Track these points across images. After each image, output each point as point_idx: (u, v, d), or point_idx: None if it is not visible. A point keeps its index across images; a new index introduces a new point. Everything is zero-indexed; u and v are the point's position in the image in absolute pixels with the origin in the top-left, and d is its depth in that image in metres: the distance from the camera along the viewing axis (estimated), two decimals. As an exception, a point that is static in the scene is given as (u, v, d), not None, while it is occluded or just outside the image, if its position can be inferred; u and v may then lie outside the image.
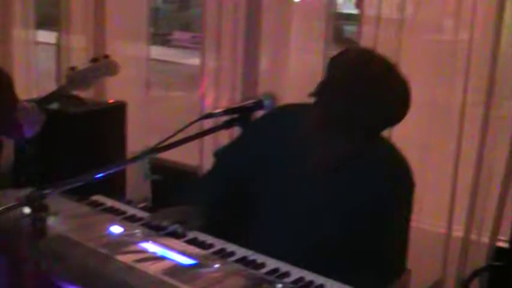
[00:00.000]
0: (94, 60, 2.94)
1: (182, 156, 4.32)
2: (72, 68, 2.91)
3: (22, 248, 2.03)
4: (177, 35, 14.54)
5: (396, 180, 2.26)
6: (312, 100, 2.25)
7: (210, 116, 2.10)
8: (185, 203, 2.42)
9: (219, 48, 4.15)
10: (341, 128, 2.21)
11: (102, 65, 2.93)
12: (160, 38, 12.94)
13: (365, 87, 2.15)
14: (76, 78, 2.88)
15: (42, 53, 5.44)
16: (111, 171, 1.99)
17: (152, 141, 2.12)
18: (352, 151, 2.25)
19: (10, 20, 5.29)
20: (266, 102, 2.08)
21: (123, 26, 4.71)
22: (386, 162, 2.29)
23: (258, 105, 2.08)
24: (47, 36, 5.58)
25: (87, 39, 4.87)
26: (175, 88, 8.98)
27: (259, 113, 2.25)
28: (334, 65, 2.25)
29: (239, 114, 2.07)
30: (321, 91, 2.23)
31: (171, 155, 3.94)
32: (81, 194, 2.39)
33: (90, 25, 4.83)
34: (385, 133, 2.37)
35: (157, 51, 5.44)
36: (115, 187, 2.61)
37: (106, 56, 2.98)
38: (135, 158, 2.25)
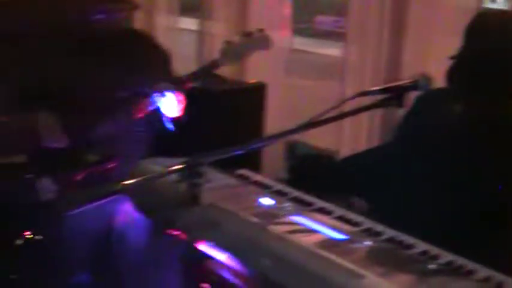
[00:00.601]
0: (248, 34, 2.99)
1: (320, 140, 4.30)
2: (228, 41, 2.97)
3: (172, 214, 2.09)
4: (319, 19, 14.61)
5: None
6: None
7: (364, 93, 2.12)
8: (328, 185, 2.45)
9: (362, 37, 4.11)
10: (484, 91, 2.25)
11: (256, 39, 2.99)
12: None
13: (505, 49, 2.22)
14: (230, 50, 2.94)
15: (184, 39, 5.59)
16: (259, 145, 2.03)
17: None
18: (497, 117, 2.25)
19: (155, 7, 5.47)
20: (422, 83, 2.07)
21: (266, 14, 4.75)
22: None
23: (414, 85, 2.08)
24: (189, 23, 5.72)
25: (228, 26, 4.96)
26: (313, 77, 9.01)
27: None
28: (473, 31, 2.31)
29: (393, 94, 2.07)
30: (462, 55, 2.30)
31: (310, 139, 3.95)
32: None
33: (232, 12, 4.91)
34: None
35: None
36: (250, 166, 2.62)
37: (260, 30, 3.03)
38: (279, 135, 2.29)
